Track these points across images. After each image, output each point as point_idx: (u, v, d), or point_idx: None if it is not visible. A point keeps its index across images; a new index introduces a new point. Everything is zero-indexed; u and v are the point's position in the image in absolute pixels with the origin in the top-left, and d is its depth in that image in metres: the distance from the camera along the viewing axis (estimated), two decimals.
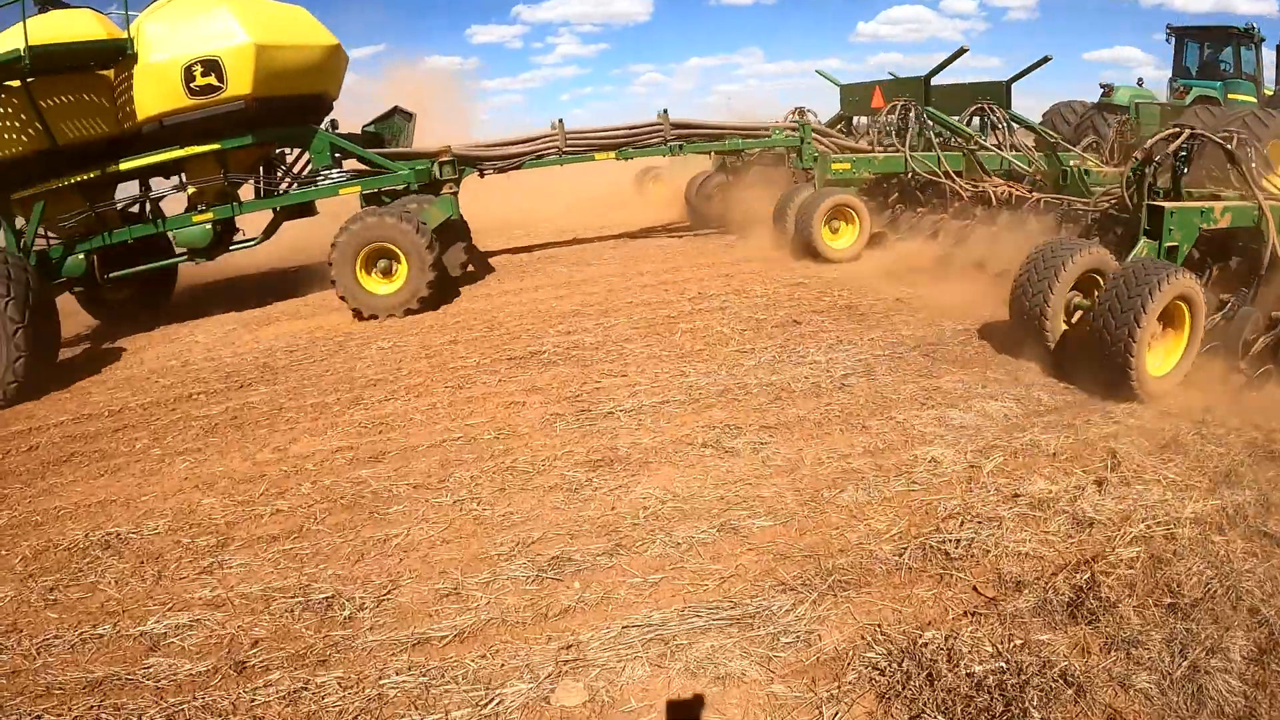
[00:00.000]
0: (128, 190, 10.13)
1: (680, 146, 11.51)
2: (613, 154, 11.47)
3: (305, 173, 10.47)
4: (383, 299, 9.24)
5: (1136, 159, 6.30)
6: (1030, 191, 8.84)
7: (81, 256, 9.60)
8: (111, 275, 9.87)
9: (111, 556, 4.31)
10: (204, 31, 9.05)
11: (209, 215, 9.85)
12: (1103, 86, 16.46)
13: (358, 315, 9.22)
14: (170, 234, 10.06)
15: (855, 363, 6.42)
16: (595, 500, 4.53)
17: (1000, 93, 11.33)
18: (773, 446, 5.01)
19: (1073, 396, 5.70)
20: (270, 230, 10.73)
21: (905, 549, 3.82)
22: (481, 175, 11.34)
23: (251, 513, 4.69)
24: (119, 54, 9.08)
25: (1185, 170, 6.11)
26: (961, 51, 11.56)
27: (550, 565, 3.91)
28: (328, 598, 3.78)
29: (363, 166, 10.59)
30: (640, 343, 7.33)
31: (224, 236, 10.36)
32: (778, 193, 11.55)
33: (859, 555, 3.80)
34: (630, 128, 11.50)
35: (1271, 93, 16.13)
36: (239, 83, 9.07)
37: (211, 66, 9.02)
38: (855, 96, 13.52)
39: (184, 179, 9.90)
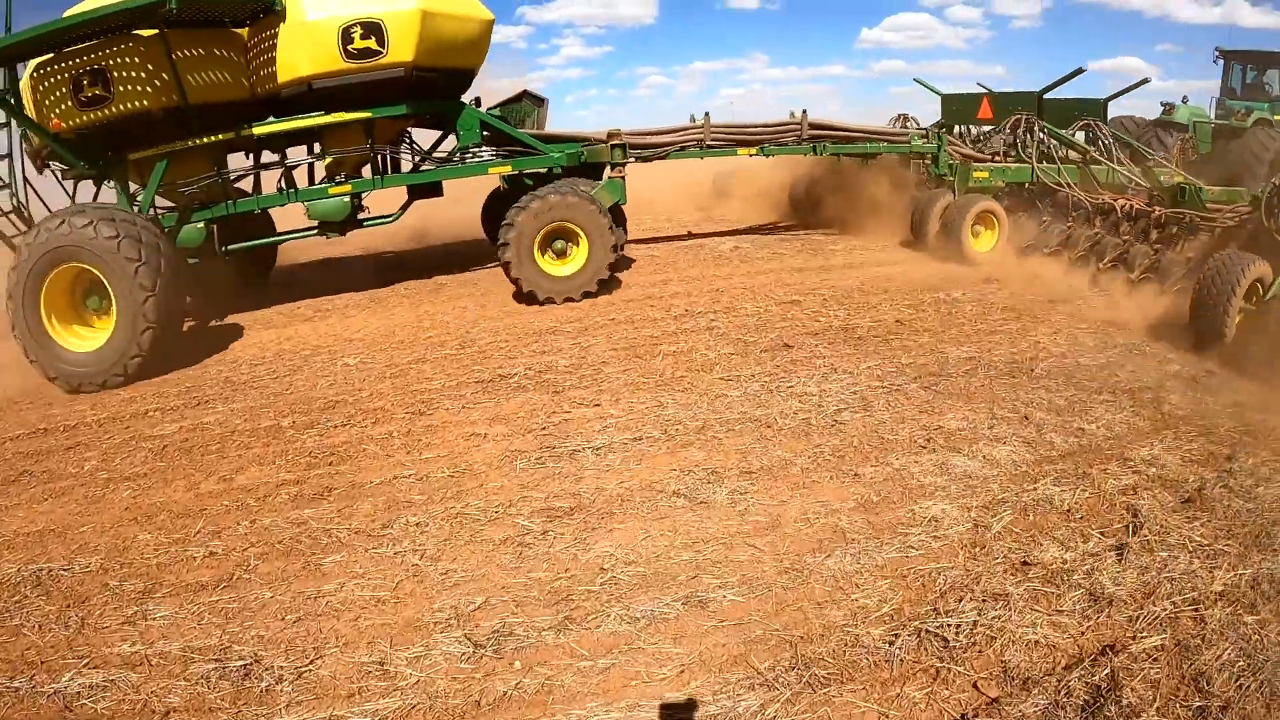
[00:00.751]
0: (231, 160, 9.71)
1: (823, 148, 11.44)
2: (753, 150, 11.30)
3: (452, 150, 10.25)
4: (562, 281, 9.08)
5: (1275, 184, 7.49)
6: (1150, 205, 9.36)
7: (201, 226, 9.20)
8: (230, 247, 9.54)
9: (40, 597, 4.03)
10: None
11: (347, 188, 9.51)
12: (1163, 105, 17.14)
13: (531, 299, 9.04)
14: (304, 206, 9.65)
15: (850, 395, 5.95)
16: (549, 559, 4.07)
17: (1100, 110, 11.91)
18: (753, 497, 4.53)
19: (1087, 440, 5.24)
20: (404, 208, 10.53)
21: (897, 635, 3.34)
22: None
23: (185, 554, 4.32)
24: (267, 8, 8.71)
25: None
26: (1079, 72, 12.10)
27: (490, 640, 3.45)
28: (247, 665, 3.39)
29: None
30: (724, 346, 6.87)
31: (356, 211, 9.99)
32: (888, 194, 12.47)
33: (843, 641, 3.33)
34: (769, 125, 11.40)
35: None
36: (401, 49, 8.81)
37: (372, 29, 8.73)
38: (956, 106, 14.15)
39: (323, 148, 9.63)
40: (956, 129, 13.73)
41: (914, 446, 5.10)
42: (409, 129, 10.38)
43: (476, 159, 10.16)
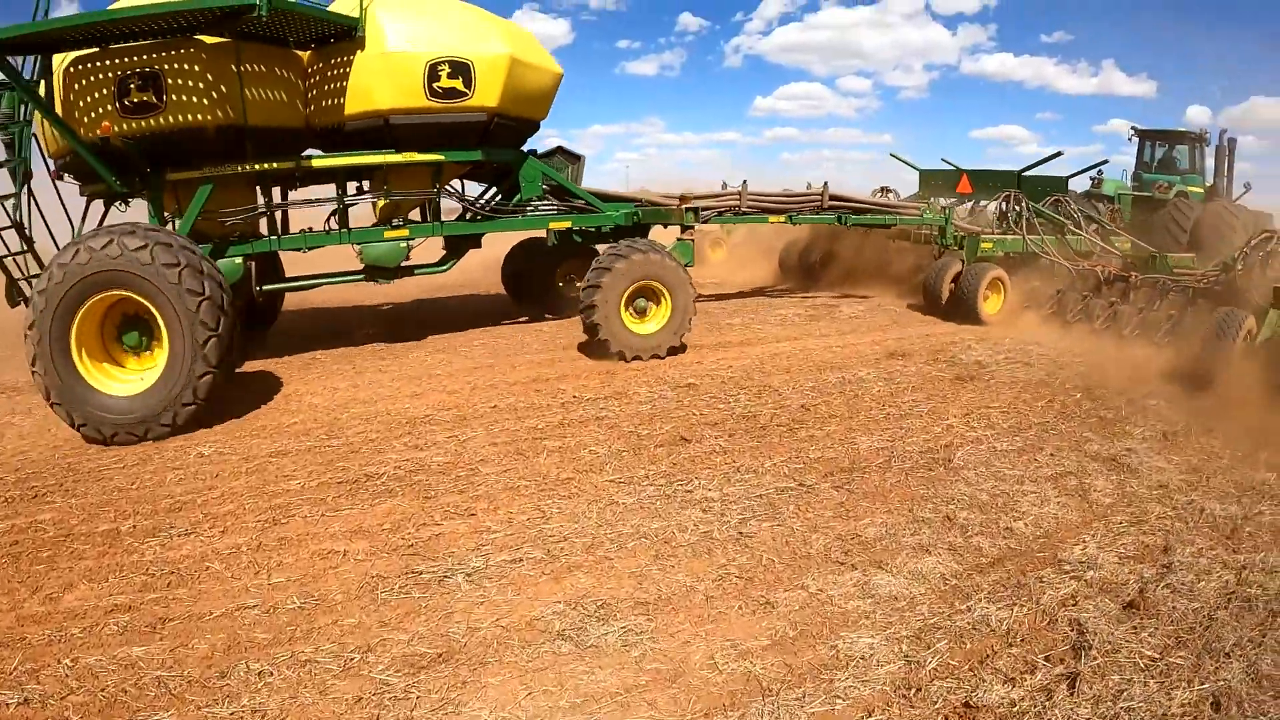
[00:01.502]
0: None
1: (846, 218, 12.06)
2: (783, 218, 11.74)
3: (514, 201, 10.16)
4: (645, 339, 9.04)
5: (1244, 251, 9.71)
6: (1125, 271, 10.87)
7: (239, 261, 8.55)
8: (266, 287, 9.01)
9: None
10: (455, 31, 8.73)
11: (404, 231, 9.20)
12: (1092, 179, 19.00)
13: (620, 357, 8.97)
14: (356, 249, 9.25)
15: (756, 500, 5.39)
16: None
17: (1064, 186, 14.78)
18: (650, 638, 3.88)
19: (1017, 541, 4.82)
20: (456, 257, 10.26)
21: None
22: (665, 225, 11.02)
23: None
24: (344, 33, 8.32)
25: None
26: (1057, 154, 18.17)
27: None
28: None
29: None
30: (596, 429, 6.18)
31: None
32: (887, 259, 14.32)
33: None
34: (794, 195, 12.04)
35: (1210, 185, 18.91)
36: (486, 93, 8.77)
37: (460, 70, 8.63)
38: (936, 180, 17.29)
39: (386, 188, 9.13)
40: (931, 200, 15.03)
41: (830, 562, 4.56)
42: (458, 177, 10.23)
43: (538, 212, 10.16)
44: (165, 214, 8.40)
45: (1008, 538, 4.86)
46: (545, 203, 10.23)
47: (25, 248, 7.68)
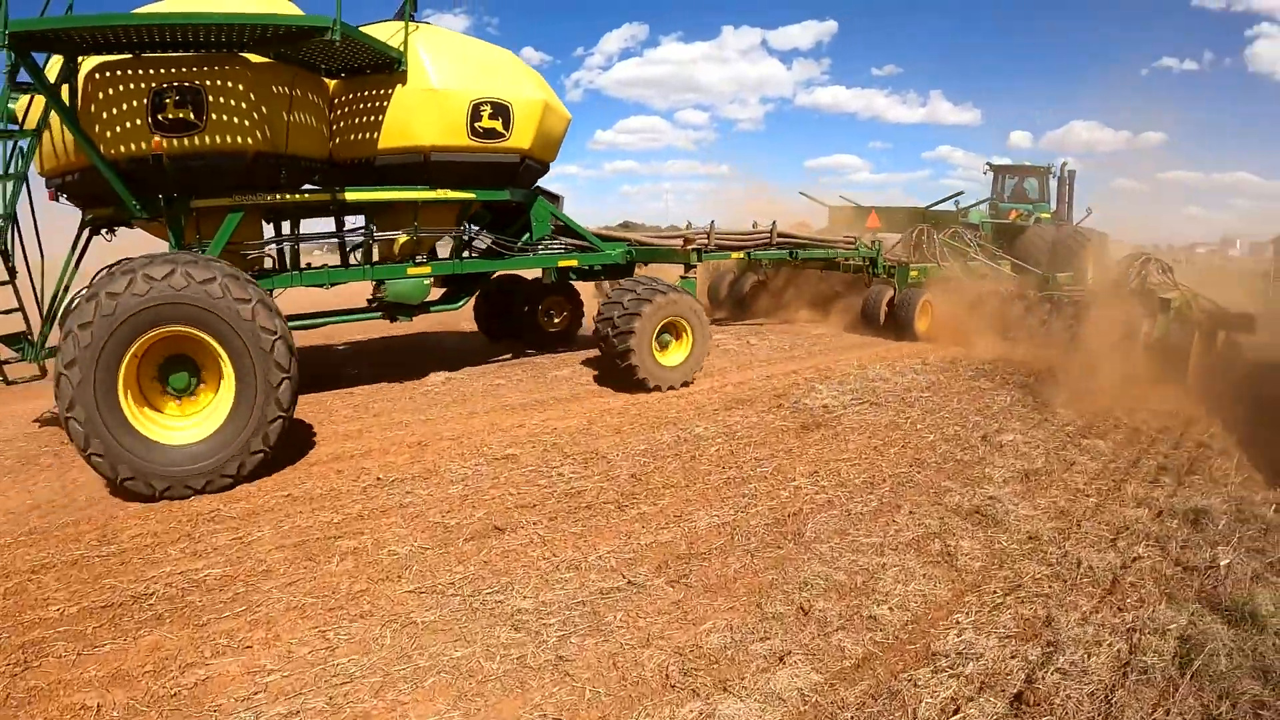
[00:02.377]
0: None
1: (796, 254, 13.35)
2: (740, 254, 12.56)
3: (524, 240, 10.24)
4: (671, 371, 9.51)
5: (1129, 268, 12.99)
6: (1021, 290, 13.50)
7: None
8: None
9: None
10: (496, 74, 8.96)
11: (427, 269, 9.12)
12: (959, 210, 20.73)
13: (656, 389, 9.39)
14: (381, 286, 9.18)
15: (577, 607, 4.50)
16: None
17: (957, 219, 18.82)
18: None
19: (883, 633, 4.13)
20: (468, 294, 10.40)
21: None
22: (646, 264, 11.65)
23: None
24: (388, 65, 8.18)
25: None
26: (959, 194, 20.02)
27: None
28: None
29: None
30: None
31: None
32: (814, 288, 15.93)
33: None
34: (749, 234, 12.86)
35: (1054, 211, 21.71)
36: (521, 135, 9.02)
37: (501, 111, 8.82)
38: (843, 217, 20.41)
39: (416, 224, 8.97)
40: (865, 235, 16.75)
41: (667, 689, 3.71)
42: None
43: (548, 250, 10.32)
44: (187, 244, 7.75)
45: (873, 629, 4.15)
46: (555, 241, 10.48)
47: (8, 278, 6.91)
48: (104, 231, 8.28)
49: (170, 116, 7.07)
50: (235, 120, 7.28)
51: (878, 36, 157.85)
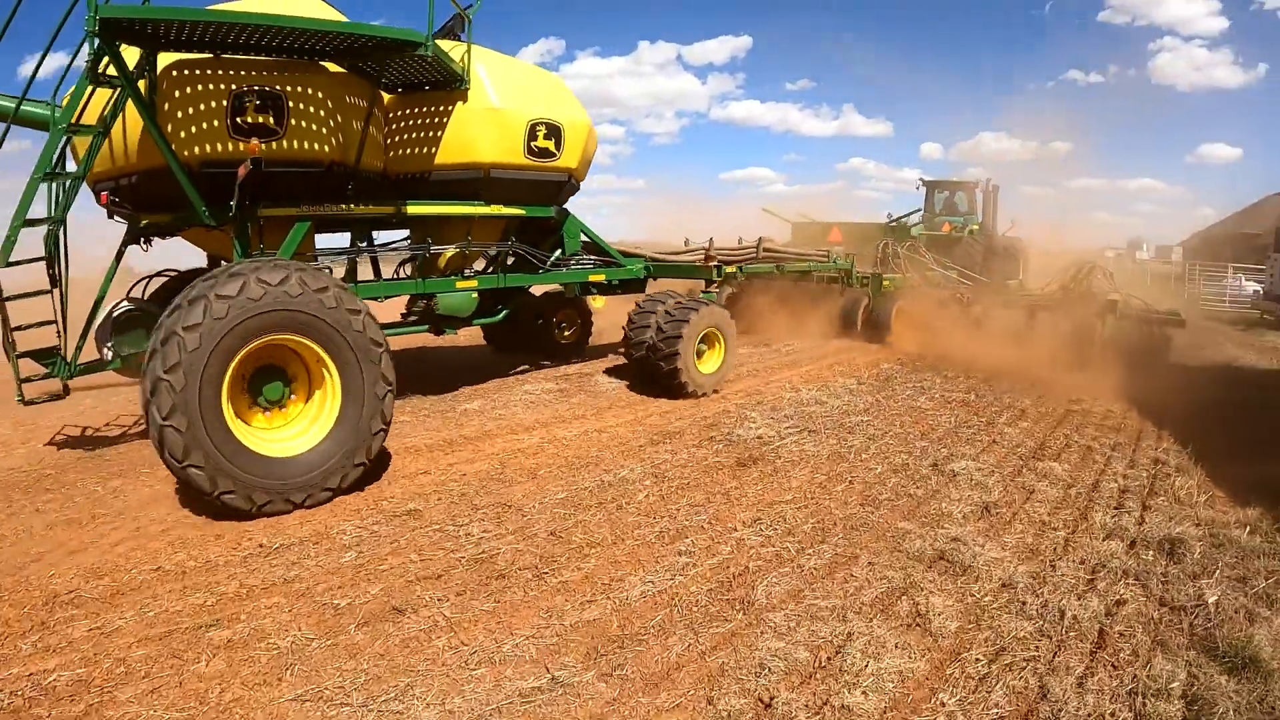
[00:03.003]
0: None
1: (782, 268, 14.06)
2: (734, 268, 12.73)
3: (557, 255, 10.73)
4: (708, 377, 10.20)
5: (1077, 275, 14.72)
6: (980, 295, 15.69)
7: None
8: None
9: None
10: (549, 96, 9.46)
11: (474, 283, 9.39)
12: (891, 223, 23.55)
13: (694, 395, 9.99)
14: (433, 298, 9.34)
15: (500, 716, 3.74)
16: None
17: (908, 234, 21.66)
18: None
19: None
20: (505, 308, 10.53)
21: None
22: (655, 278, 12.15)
23: None
24: (452, 83, 8.47)
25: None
26: (917, 210, 23.53)
27: None
28: None
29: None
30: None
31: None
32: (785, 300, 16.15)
33: None
34: (739, 249, 13.34)
35: (980, 223, 23.22)
36: (570, 155, 9.60)
37: (554, 132, 9.33)
38: (808, 233, 23.30)
39: (469, 238, 9.24)
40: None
41: None
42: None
43: (580, 266, 10.79)
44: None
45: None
46: (585, 257, 11.00)
47: (50, 286, 6.92)
48: (141, 241, 8.15)
49: (250, 120, 6.98)
50: (314, 128, 7.29)
51: (792, 51, 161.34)
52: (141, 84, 6.58)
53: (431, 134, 8.66)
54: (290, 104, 7.13)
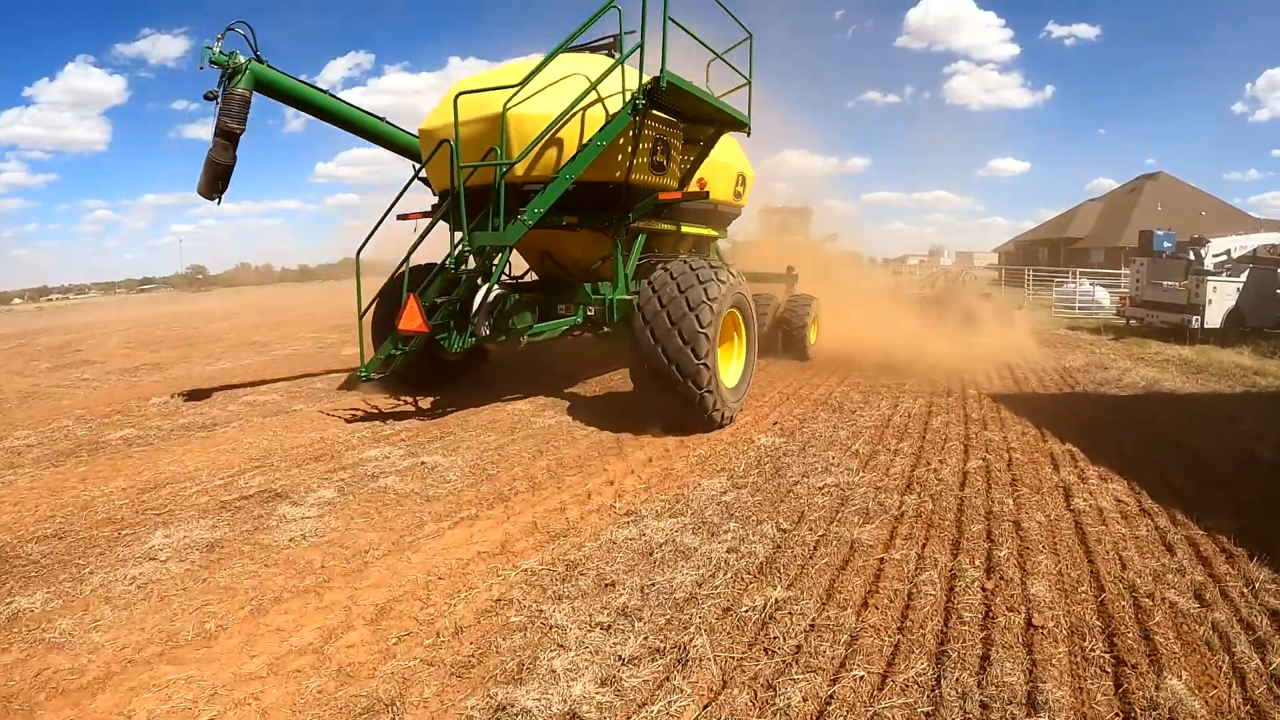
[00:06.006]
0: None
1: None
2: None
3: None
4: (812, 347, 15.08)
5: (960, 277, 29.26)
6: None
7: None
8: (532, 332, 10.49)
9: None
10: (737, 153, 13.15)
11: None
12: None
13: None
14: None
15: None
16: None
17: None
18: None
19: None
20: None
21: None
22: None
23: None
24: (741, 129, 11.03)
25: None
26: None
27: None
28: None
29: None
30: None
31: None
32: None
33: None
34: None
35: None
36: (746, 197, 13.72)
37: (743, 181, 13.27)
38: (776, 220, 28.47)
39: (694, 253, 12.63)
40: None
41: None
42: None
43: None
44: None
45: None
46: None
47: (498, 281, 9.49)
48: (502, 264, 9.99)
49: (657, 159, 9.88)
50: (677, 168, 10.39)
51: None
52: (635, 123, 9.08)
53: (686, 170, 10.83)
54: (672, 151, 10.14)
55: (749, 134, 10.85)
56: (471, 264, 9.14)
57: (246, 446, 8.62)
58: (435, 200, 10.91)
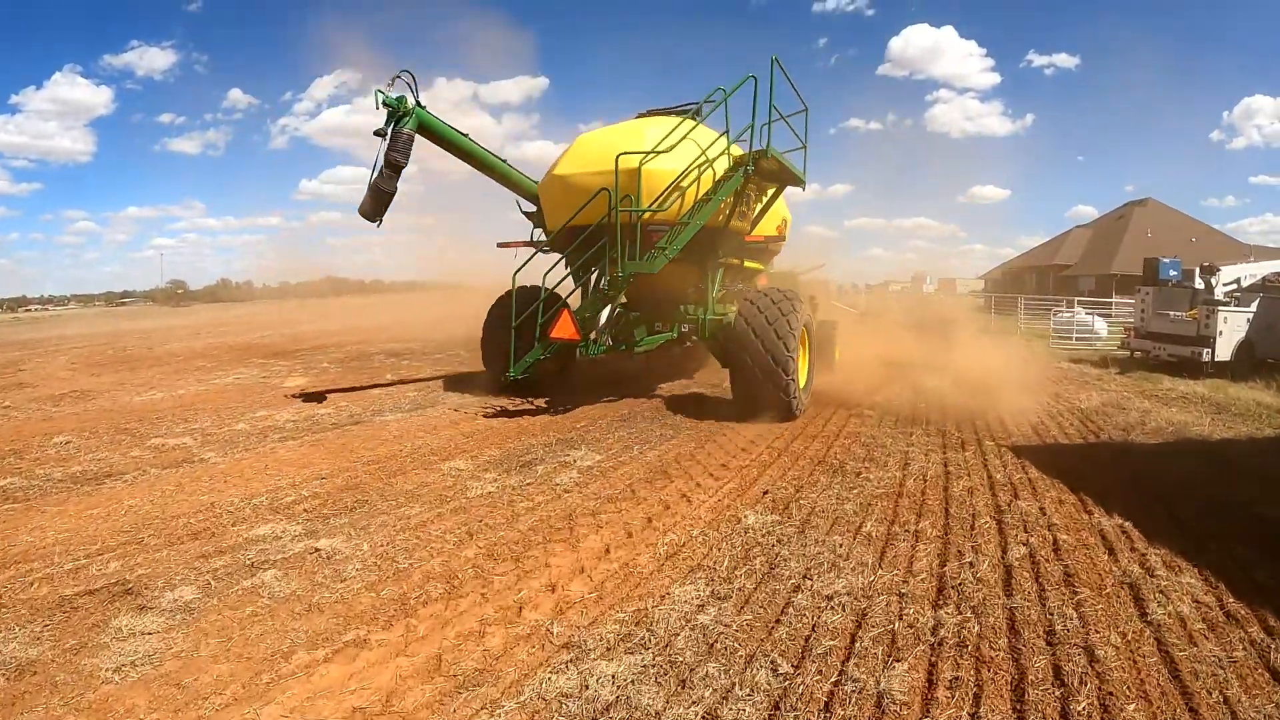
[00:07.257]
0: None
1: None
2: None
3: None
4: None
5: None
6: None
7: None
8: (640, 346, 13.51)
9: None
10: (780, 201, 14.58)
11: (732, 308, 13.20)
12: None
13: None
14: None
15: None
16: None
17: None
18: None
19: None
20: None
21: None
22: None
23: None
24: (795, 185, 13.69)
25: None
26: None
27: None
28: None
29: None
30: None
31: None
32: None
33: None
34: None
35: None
36: (785, 235, 15.79)
37: (784, 223, 15.60)
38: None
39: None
40: None
41: None
42: None
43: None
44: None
45: None
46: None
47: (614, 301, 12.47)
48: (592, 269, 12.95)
49: (741, 209, 12.75)
50: (751, 215, 13.44)
51: (585, 95, 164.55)
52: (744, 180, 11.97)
53: (746, 215, 13.37)
54: (751, 200, 13.19)
55: (804, 189, 13.67)
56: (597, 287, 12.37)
57: (124, 512, 7.29)
58: (539, 234, 14.51)
